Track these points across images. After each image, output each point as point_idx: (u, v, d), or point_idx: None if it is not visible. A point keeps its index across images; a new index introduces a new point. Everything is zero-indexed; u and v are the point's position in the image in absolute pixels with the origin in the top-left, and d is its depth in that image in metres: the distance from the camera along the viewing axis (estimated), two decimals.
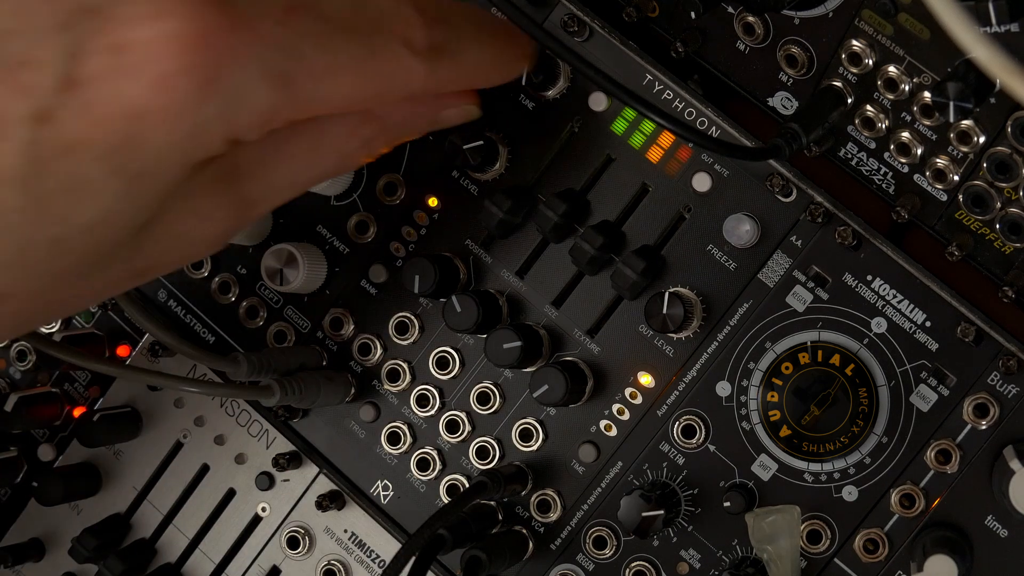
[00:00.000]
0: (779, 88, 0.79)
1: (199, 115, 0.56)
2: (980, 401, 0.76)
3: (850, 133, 0.77)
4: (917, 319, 0.77)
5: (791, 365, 0.78)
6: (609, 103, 0.82)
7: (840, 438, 0.78)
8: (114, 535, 0.89)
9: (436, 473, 0.85)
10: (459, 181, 0.84)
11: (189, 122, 0.56)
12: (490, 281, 0.84)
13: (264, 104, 0.59)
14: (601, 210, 0.82)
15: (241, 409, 0.89)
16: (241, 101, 0.58)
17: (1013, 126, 0.71)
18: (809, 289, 0.78)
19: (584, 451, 0.83)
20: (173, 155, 0.57)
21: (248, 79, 0.57)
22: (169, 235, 0.62)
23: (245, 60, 0.57)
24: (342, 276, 0.87)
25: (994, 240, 0.76)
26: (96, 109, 0.54)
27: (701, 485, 0.81)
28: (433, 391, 0.85)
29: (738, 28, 0.78)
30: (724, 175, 0.80)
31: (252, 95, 0.58)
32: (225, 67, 0.56)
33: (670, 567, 0.81)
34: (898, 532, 0.78)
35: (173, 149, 0.57)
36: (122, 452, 0.90)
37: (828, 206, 0.77)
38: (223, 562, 0.89)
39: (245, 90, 0.58)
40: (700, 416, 0.80)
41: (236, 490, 0.89)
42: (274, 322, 0.88)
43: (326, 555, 0.87)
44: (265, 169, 0.64)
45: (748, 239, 0.79)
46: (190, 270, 0.89)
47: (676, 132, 0.70)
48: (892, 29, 0.72)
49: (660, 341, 0.81)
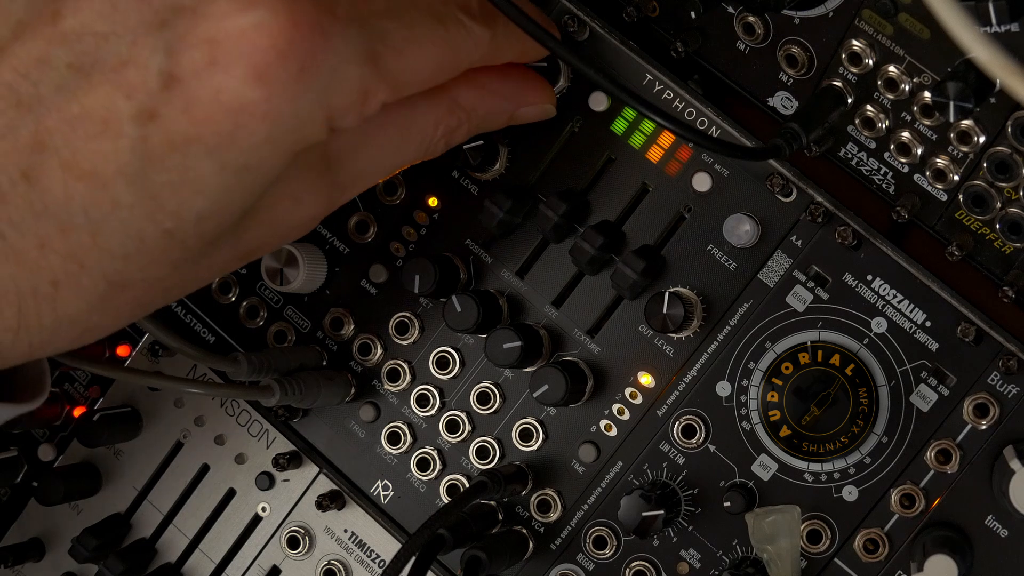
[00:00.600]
0: (779, 88, 0.79)
1: (298, 103, 0.57)
2: (980, 401, 0.76)
3: (850, 133, 0.77)
4: (917, 319, 0.77)
5: (791, 365, 0.78)
6: (609, 103, 0.81)
7: (840, 438, 0.78)
8: (114, 535, 0.89)
9: (436, 473, 0.85)
10: (459, 181, 0.84)
11: (290, 111, 0.57)
12: (490, 281, 0.84)
13: (358, 84, 0.60)
14: (601, 210, 0.82)
15: (241, 409, 0.89)
16: (337, 83, 0.59)
17: (1013, 126, 0.71)
18: (809, 289, 0.78)
19: (584, 451, 0.83)
20: (277, 146, 0.58)
21: (340, 60, 0.59)
22: (268, 219, 0.63)
23: (335, 42, 0.58)
24: (342, 276, 0.87)
25: (994, 240, 0.76)
26: (198, 105, 0.56)
27: (701, 485, 0.81)
28: (433, 391, 0.85)
29: (738, 28, 0.78)
30: (724, 175, 0.80)
31: (346, 76, 0.59)
32: (318, 51, 0.57)
33: (670, 567, 0.81)
34: (898, 532, 0.78)
35: (276, 140, 0.58)
36: (122, 452, 0.90)
37: (828, 206, 0.77)
38: (223, 562, 0.89)
39: (339, 72, 0.59)
40: (700, 416, 0.80)
41: (236, 490, 0.89)
42: (274, 322, 0.88)
43: (326, 555, 0.87)
44: (356, 155, 0.66)
45: (748, 239, 0.79)
46: None
47: (676, 132, 0.70)
48: (892, 29, 0.72)
49: (660, 341, 0.81)
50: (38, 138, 0.56)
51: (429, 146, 0.71)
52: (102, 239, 0.57)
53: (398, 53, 0.62)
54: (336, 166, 0.66)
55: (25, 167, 0.56)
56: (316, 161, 0.64)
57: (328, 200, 0.66)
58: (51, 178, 0.56)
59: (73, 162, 0.56)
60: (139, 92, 0.56)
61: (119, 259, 0.58)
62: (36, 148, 0.56)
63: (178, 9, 0.56)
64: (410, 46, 0.63)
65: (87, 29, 0.57)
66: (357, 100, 0.61)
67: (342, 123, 0.61)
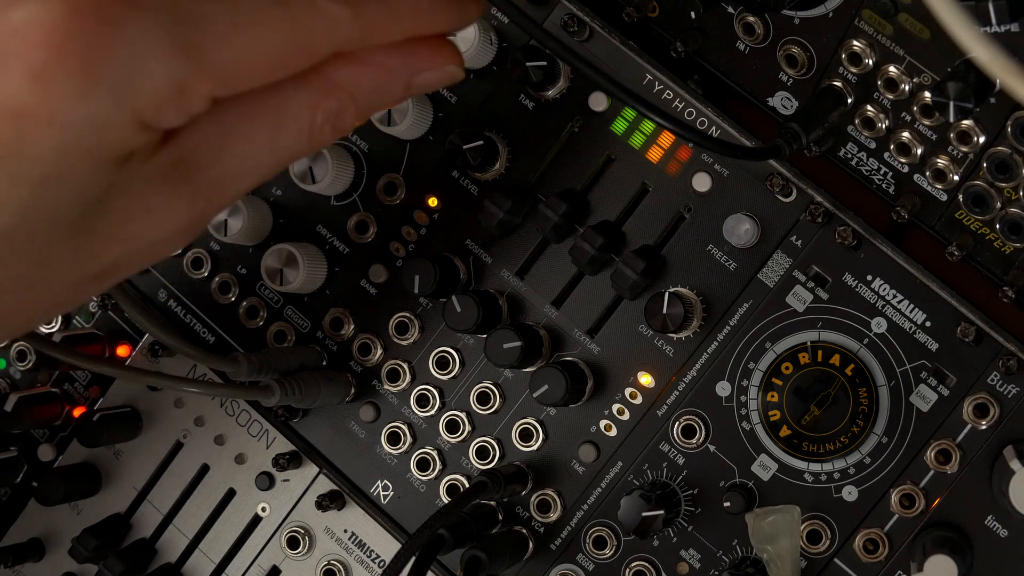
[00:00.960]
0: (779, 88, 0.79)
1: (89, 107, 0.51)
2: (980, 401, 0.76)
3: (850, 133, 0.77)
4: (917, 319, 0.77)
5: (791, 365, 0.78)
6: (609, 103, 0.81)
7: (840, 438, 0.78)
8: (114, 535, 0.89)
9: (436, 473, 0.85)
10: (459, 181, 0.84)
11: (80, 116, 0.51)
12: (490, 281, 0.84)
13: (168, 81, 0.53)
14: (601, 210, 0.82)
15: (241, 409, 0.89)
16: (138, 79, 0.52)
17: (1013, 126, 0.71)
18: (809, 289, 0.78)
19: (584, 451, 0.83)
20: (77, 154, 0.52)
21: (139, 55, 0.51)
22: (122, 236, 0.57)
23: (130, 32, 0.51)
24: (342, 276, 0.87)
25: (994, 240, 0.76)
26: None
27: (701, 485, 0.81)
28: (433, 391, 0.85)
29: (738, 28, 0.78)
30: (724, 175, 0.80)
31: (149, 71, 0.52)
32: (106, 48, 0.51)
33: (670, 567, 0.81)
34: (898, 532, 0.78)
35: (72, 147, 0.52)
36: (122, 452, 0.90)
37: (828, 206, 0.77)
38: (223, 562, 0.89)
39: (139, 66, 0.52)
40: (700, 416, 0.80)
41: (236, 490, 0.89)
42: (274, 322, 0.88)
43: (326, 555, 0.87)
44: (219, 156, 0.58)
45: (748, 239, 0.79)
46: (190, 270, 0.89)
47: (676, 132, 0.70)
48: (892, 29, 0.72)
49: (660, 341, 0.81)
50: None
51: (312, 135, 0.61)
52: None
53: (221, 41, 0.54)
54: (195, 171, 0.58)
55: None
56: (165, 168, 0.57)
57: (192, 210, 0.58)
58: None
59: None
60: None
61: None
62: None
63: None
64: (237, 33, 0.55)
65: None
66: (171, 97, 0.53)
67: (163, 122, 0.54)
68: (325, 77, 0.61)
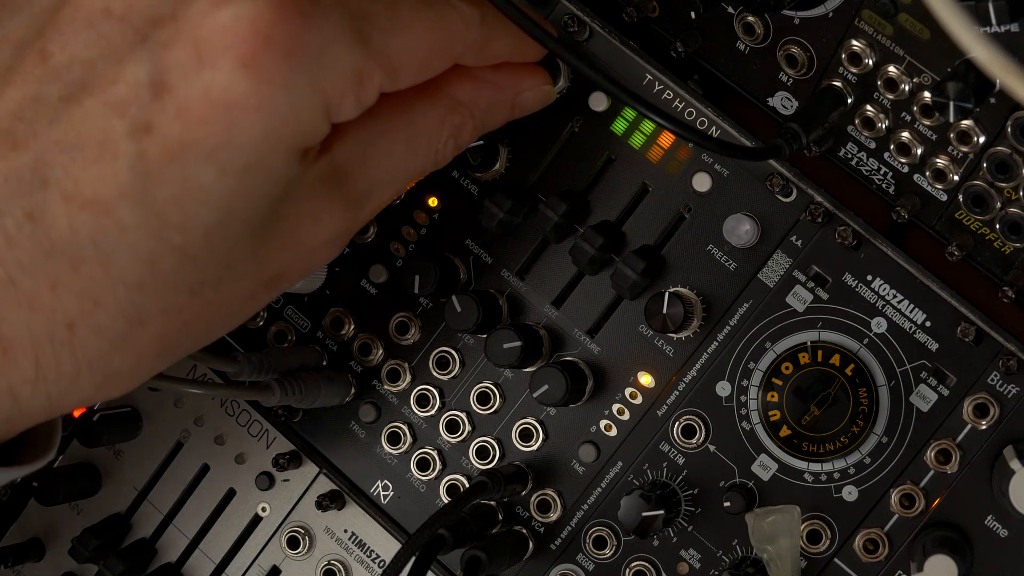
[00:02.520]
0: (779, 88, 0.79)
1: (291, 89, 0.57)
2: (980, 401, 0.76)
3: (850, 133, 0.77)
4: (917, 319, 0.77)
5: (791, 365, 0.78)
6: (609, 103, 0.82)
7: (840, 438, 0.78)
8: (114, 535, 0.89)
9: (436, 473, 0.85)
10: (459, 181, 0.84)
11: (283, 98, 0.57)
12: (490, 281, 0.84)
13: (350, 65, 0.59)
14: (601, 210, 0.82)
15: (241, 409, 0.89)
16: (328, 65, 0.58)
17: (1013, 126, 0.71)
18: (809, 289, 0.78)
19: (584, 451, 0.83)
20: (276, 141, 0.58)
21: (327, 41, 0.58)
22: (289, 242, 0.62)
23: (319, 22, 0.58)
24: (342, 276, 0.87)
25: (994, 240, 0.76)
26: (189, 107, 0.56)
27: (701, 485, 0.81)
28: (433, 391, 0.85)
29: (738, 28, 0.78)
30: (724, 175, 0.80)
31: (336, 56, 0.59)
32: (301, 33, 0.57)
33: (670, 567, 0.81)
34: (898, 532, 0.78)
35: (274, 134, 0.57)
36: (122, 452, 0.90)
37: (828, 206, 0.77)
38: (223, 562, 0.89)
39: (328, 52, 0.58)
40: (700, 416, 0.80)
41: (236, 490, 0.89)
42: (274, 322, 0.88)
43: (326, 555, 0.87)
44: (364, 167, 0.65)
45: (748, 239, 0.79)
46: None
47: (676, 132, 0.70)
48: (892, 29, 0.72)
49: (660, 341, 0.81)
50: (38, 174, 0.56)
51: (438, 149, 0.70)
52: (114, 269, 0.57)
53: (386, 33, 0.61)
54: (346, 181, 0.64)
55: (28, 207, 0.56)
56: (327, 173, 0.63)
57: (347, 216, 0.65)
58: (55, 213, 0.56)
59: (75, 192, 0.56)
60: (131, 107, 0.56)
61: (134, 289, 0.57)
62: (38, 185, 0.56)
63: (157, 20, 0.56)
64: (398, 26, 0.62)
65: (74, 59, 0.57)
66: (352, 83, 0.60)
67: (341, 112, 0.60)
68: (448, 95, 0.69)
